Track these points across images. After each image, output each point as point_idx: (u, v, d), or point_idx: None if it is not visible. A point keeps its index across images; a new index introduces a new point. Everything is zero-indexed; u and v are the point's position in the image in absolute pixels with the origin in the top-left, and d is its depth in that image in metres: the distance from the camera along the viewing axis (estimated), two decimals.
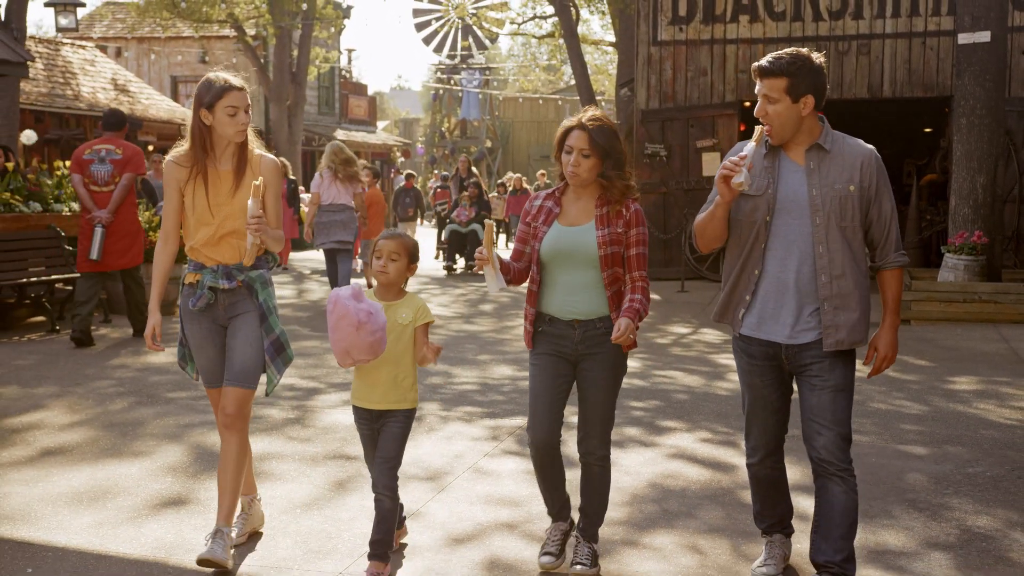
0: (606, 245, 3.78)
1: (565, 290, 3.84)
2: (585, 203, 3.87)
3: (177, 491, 5.01)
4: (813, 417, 3.62)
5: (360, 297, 3.70)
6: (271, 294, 4.21)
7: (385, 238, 3.94)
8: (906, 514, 4.74)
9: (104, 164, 9.03)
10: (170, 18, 25.33)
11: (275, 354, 4.16)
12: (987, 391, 7.47)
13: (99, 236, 8.85)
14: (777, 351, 3.66)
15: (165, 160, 4.18)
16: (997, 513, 4.77)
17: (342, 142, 11.48)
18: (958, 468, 5.47)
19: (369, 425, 3.96)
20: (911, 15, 14.67)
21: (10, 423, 6.21)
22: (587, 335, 3.83)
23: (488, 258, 3.71)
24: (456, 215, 17.04)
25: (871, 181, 3.56)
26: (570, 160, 3.77)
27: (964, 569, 4.10)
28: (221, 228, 4.09)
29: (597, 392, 3.88)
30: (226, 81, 4.06)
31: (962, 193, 11.86)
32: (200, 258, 4.14)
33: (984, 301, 11.11)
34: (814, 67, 3.53)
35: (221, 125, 4.04)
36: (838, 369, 3.60)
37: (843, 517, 3.59)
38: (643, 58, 15.66)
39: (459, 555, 4.23)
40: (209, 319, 4.15)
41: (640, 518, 4.70)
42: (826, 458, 3.59)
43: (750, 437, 3.85)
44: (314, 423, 6.33)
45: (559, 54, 32.69)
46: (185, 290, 4.16)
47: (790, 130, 3.56)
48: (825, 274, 3.55)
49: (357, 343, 3.67)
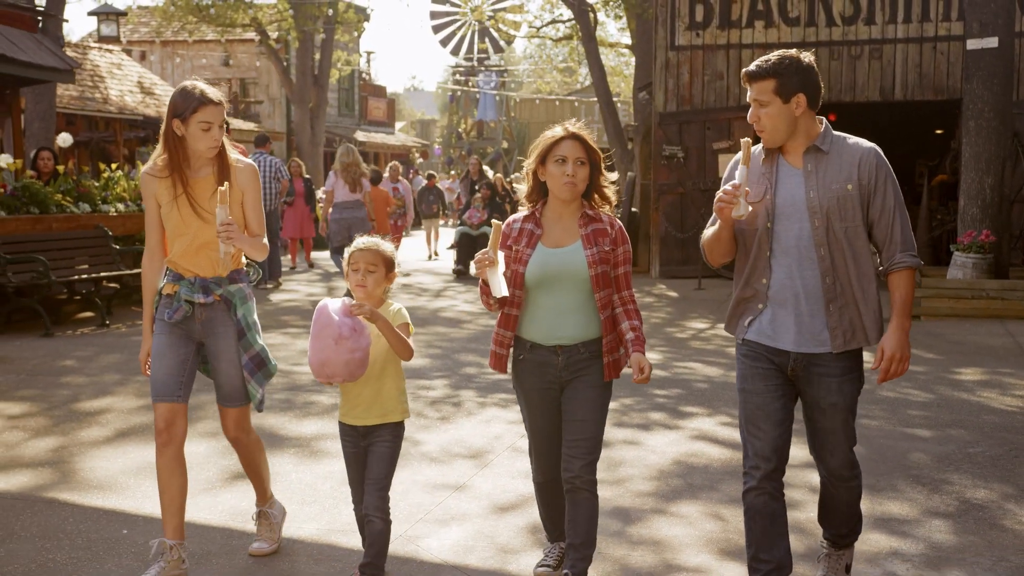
0: (596, 264, 3.64)
1: (551, 315, 3.68)
2: (567, 223, 3.71)
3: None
4: (823, 439, 3.62)
5: (348, 311, 3.59)
6: (251, 309, 4.10)
7: (360, 249, 3.77)
8: (910, 487, 5.20)
9: None
10: (196, 22, 25.89)
11: (255, 369, 4.07)
12: (991, 381, 7.90)
13: None
14: (784, 360, 3.55)
15: (142, 171, 4.08)
16: (994, 487, 5.22)
17: (351, 145, 12.36)
18: (959, 448, 5.92)
19: (355, 442, 3.83)
20: (922, 20, 15.08)
21: (83, 407, 6.72)
22: (571, 361, 3.69)
23: (494, 261, 3.54)
24: (468, 217, 16.56)
25: (870, 178, 3.46)
26: (566, 170, 3.62)
27: (961, 534, 4.55)
28: (197, 238, 3.98)
29: (584, 416, 3.71)
30: (203, 93, 3.91)
31: (971, 193, 12.26)
32: (178, 269, 4.04)
33: (991, 298, 11.52)
34: (803, 66, 3.46)
35: (193, 139, 3.91)
36: (846, 390, 3.55)
37: (849, 508, 3.77)
38: (661, 62, 16.11)
39: (504, 521, 4.71)
40: (182, 330, 4.04)
41: (667, 490, 5.16)
42: (836, 471, 3.65)
43: (748, 454, 3.60)
44: None
45: (576, 56, 33.15)
46: (163, 300, 4.06)
47: (784, 132, 3.49)
48: (829, 276, 3.47)
49: (334, 357, 3.56)
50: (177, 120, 3.90)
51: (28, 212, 10.30)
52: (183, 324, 4.02)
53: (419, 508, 4.87)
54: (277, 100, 31.92)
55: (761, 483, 3.54)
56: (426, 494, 5.08)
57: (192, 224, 3.97)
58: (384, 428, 3.77)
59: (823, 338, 3.50)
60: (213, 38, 29.87)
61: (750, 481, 3.56)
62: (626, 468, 5.53)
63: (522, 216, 3.76)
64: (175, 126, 3.91)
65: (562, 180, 3.62)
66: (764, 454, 3.53)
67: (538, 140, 3.75)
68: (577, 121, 3.76)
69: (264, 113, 31.40)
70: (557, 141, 3.67)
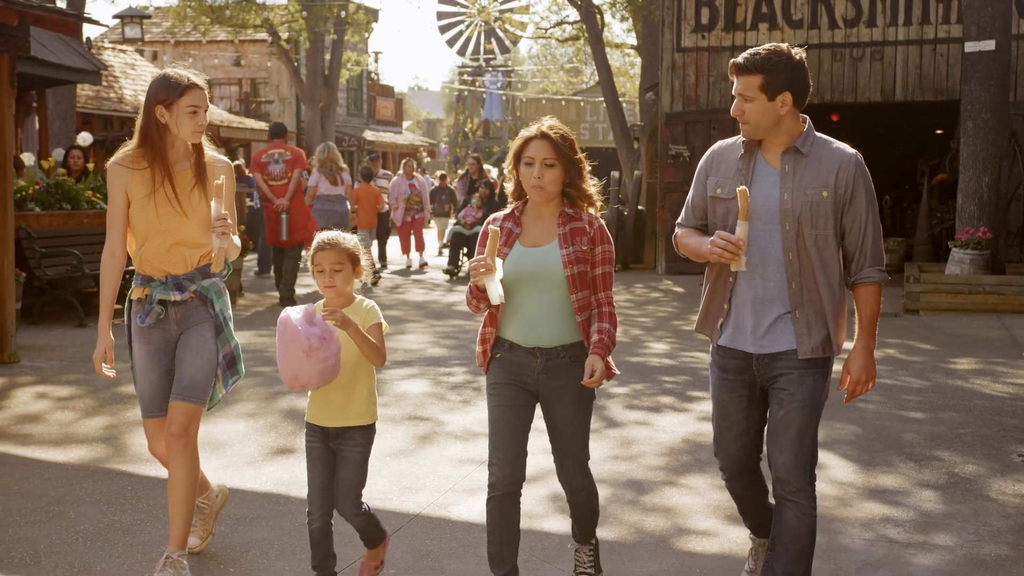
0: (571, 264, 3.52)
1: (528, 315, 3.56)
2: (546, 222, 3.61)
3: (282, 443, 5.92)
4: (775, 434, 3.44)
5: (313, 319, 3.48)
6: (227, 303, 3.96)
7: (321, 249, 3.60)
8: (902, 463, 5.60)
9: (278, 164, 11.83)
10: (209, 23, 26.31)
11: (226, 367, 3.93)
12: (984, 370, 8.30)
13: (284, 221, 11.70)
14: (749, 362, 3.47)
15: (109, 162, 3.88)
16: (981, 463, 5.61)
17: (330, 143, 13.48)
18: (951, 429, 6.31)
19: (323, 442, 3.67)
20: (922, 23, 15.48)
21: (126, 390, 7.11)
22: (549, 364, 3.56)
23: (492, 267, 3.38)
24: (463, 216, 15.78)
25: (847, 187, 3.35)
26: (532, 172, 3.51)
27: (948, 503, 4.95)
28: (173, 236, 3.81)
29: (566, 426, 3.64)
30: (188, 79, 3.81)
31: (968, 192, 12.65)
32: (148, 270, 3.84)
33: (988, 292, 11.91)
34: (792, 63, 3.34)
35: (179, 125, 3.77)
36: (807, 383, 3.40)
37: (793, 542, 3.43)
38: (667, 64, 16.52)
39: (527, 491, 5.09)
40: (160, 337, 3.86)
41: (677, 465, 5.57)
42: (783, 477, 3.41)
43: (718, 457, 3.68)
44: (389, 392, 7.23)
45: (582, 56, 33.54)
46: (134, 307, 3.88)
47: (766, 128, 3.40)
48: (795, 281, 3.38)
49: (307, 369, 3.46)
50: (161, 107, 3.76)
51: (61, 208, 10.73)
52: (160, 330, 3.85)
53: (448, 479, 5.28)
54: (287, 100, 32.37)
55: (733, 480, 3.68)
56: (453, 468, 5.49)
57: (170, 220, 3.79)
58: (355, 431, 3.65)
59: (788, 340, 3.41)
60: (224, 38, 30.29)
61: (723, 476, 3.71)
62: (638, 446, 5.93)
63: (503, 215, 3.68)
64: (159, 113, 3.77)
65: (529, 182, 3.54)
66: (729, 463, 3.63)
67: (516, 138, 3.67)
68: (552, 119, 3.66)
69: (274, 112, 31.82)
70: (526, 142, 3.57)
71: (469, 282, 3.54)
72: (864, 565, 4.19)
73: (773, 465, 3.44)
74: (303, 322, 3.45)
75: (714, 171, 3.57)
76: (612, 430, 6.27)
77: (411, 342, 9.44)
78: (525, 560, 4.10)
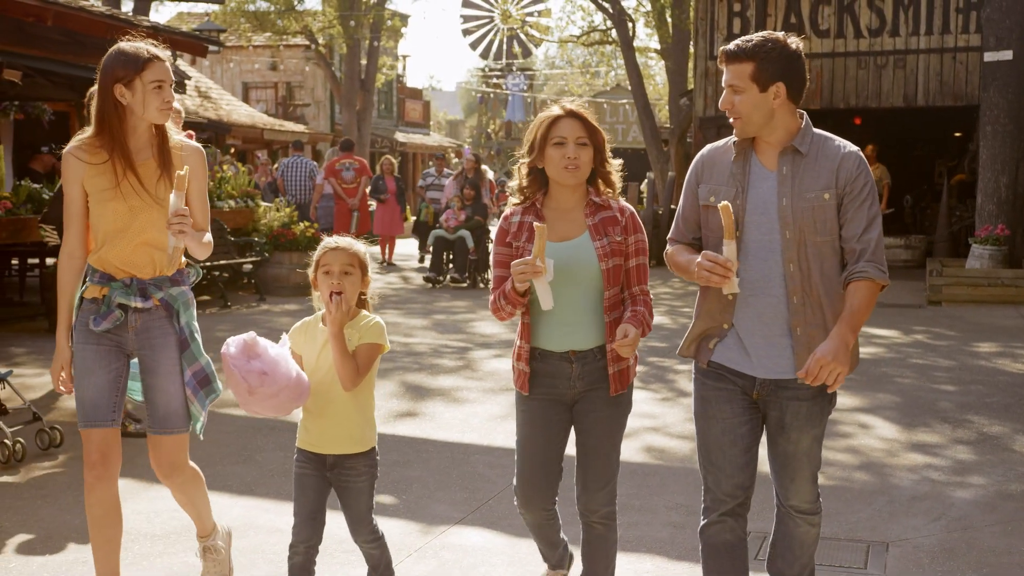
0: (607, 257, 3.22)
1: (559, 317, 3.22)
2: (573, 213, 3.28)
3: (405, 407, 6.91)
4: (785, 467, 3.20)
5: (252, 352, 3.08)
6: (193, 315, 3.54)
7: (331, 249, 3.23)
8: (938, 424, 6.55)
9: (349, 171, 15.85)
10: (251, 30, 27.35)
11: (198, 388, 3.46)
12: (1004, 352, 9.24)
13: (356, 218, 15.57)
14: (750, 384, 3.13)
15: (65, 151, 3.43)
16: (1006, 425, 6.56)
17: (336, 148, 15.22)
18: (979, 399, 7.27)
19: (316, 469, 3.28)
20: (943, 33, 16.41)
21: None
22: (586, 369, 3.26)
23: (541, 269, 3.06)
24: (445, 219, 14.13)
25: (848, 185, 3.05)
26: (566, 152, 3.18)
27: (980, 455, 5.90)
28: (141, 233, 3.38)
29: (599, 438, 3.31)
30: (147, 50, 3.33)
31: (987, 191, 13.61)
32: (109, 269, 3.41)
33: (1006, 285, 12.85)
34: (787, 52, 3.02)
35: (143, 103, 3.31)
36: (815, 413, 3.13)
37: (802, 550, 3.30)
38: (701, 71, 17.47)
39: None
40: (111, 341, 3.42)
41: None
42: (800, 506, 3.23)
43: (710, 487, 3.21)
44: (480, 368, 8.22)
45: (605, 58, 34.42)
46: (86, 305, 3.43)
47: (758, 124, 3.07)
48: (797, 295, 3.05)
49: (257, 407, 3.13)
50: (120, 86, 3.31)
51: None
52: (113, 334, 3.41)
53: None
54: (322, 103, 33.42)
55: (723, 518, 3.21)
56: None
57: (138, 216, 3.37)
58: (355, 460, 3.27)
59: (789, 364, 3.09)
60: (262, 44, 31.33)
61: (710, 515, 3.22)
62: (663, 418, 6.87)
63: (521, 209, 3.33)
64: (118, 93, 3.31)
65: (562, 164, 3.19)
66: (731, 485, 3.17)
67: (534, 122, 3.31)
68: (573, 98, 3.37)
69: (309, 115, 32.88)
70: (554, 120, 3.23)
71: (494, 286, 3.29)
72: (913, 498, 5.14)
73: (784, 494, 3.25)
74: (240, 358, 3.07)
75: (705, 178, 3.21)
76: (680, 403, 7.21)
77: (486, 328, 10.40)
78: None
